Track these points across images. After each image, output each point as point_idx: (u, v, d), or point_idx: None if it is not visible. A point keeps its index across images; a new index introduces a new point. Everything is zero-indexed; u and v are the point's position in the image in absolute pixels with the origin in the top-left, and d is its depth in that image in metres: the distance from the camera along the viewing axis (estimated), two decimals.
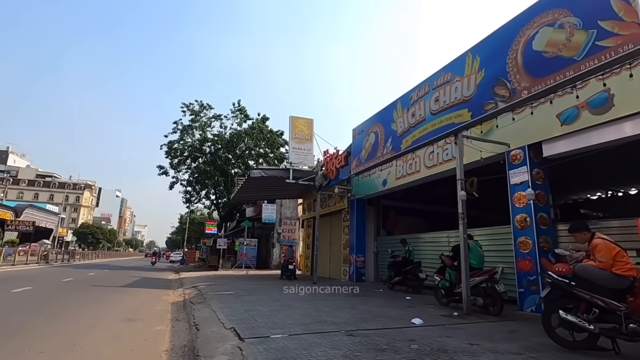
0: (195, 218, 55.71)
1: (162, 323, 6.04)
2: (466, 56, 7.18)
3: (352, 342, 4.26)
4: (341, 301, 8.15)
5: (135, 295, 9.98)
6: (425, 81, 8.36)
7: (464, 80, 7.17)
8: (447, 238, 10.64)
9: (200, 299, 8.38)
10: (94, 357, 3.90)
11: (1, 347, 4.09)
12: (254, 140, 28.70)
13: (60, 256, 29.55)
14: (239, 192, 18.73)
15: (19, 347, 4.07)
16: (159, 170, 29.36)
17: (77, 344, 4.39)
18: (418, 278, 10.13)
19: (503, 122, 7.23)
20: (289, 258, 15.33)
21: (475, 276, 6.86)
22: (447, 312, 6.75)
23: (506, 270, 7.31)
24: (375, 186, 13.23)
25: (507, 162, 7.99)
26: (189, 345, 4.56)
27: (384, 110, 10.11)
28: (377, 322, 5.68)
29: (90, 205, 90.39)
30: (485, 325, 5.72)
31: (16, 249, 24.65)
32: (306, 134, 15.85)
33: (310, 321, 5.54)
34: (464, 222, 6.99)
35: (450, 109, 7.46)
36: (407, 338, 4.51)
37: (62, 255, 30.20)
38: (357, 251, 13.79)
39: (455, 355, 3.79)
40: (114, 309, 7.36)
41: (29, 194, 75.94)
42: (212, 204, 32.26)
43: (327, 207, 16.41)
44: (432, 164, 10.47)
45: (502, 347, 4.24)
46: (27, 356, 3.77)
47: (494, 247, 8.58)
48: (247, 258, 23.28)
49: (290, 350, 3.84)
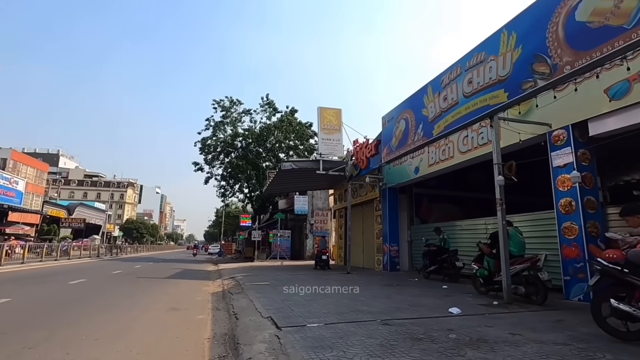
0: (230, 211, 57.50)
1: (204, 312, 6.32)
2: (501, 33, 6.80)
3: (387, 331, 4.25)
4: (376, 290, 8.14)
5: (177, 286, 10.50)
6: (457, 63, 8.02)
7: (499, 59, 6.80)
8: (485, 225, 10.27)
9: (238, 289, 8.67)
10: (143, 344, 4.16)
11: (62, 334, 4.46)
12: (284, 133, 29.01)
13: (109, 250, 31.61)
14: (270, 184, 19.07)
15: (77, 335, 4.42)
16: (195, 166, 30.48)
17: (128, 331, 4.71)
18: (455, 267, 9.90)
19: (543, 101, 6.80)
20: (322, 248, 15.47)
21: (516, 264, 6.58)
22: (486, 302, 6.55)
23: (550, 258, 6.94)
24: (407, 174, 12.97)
25: (548, 144, 7.51)
26: (229, 333, 4.74)
27: (414, 95, 9.83)
28: (412, 311, 5.62)
29: (134, 202, 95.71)
30: (528, 315, 5.49)
31: (71, 244, 26.67)
32: (335, 124, 15.78)
33: (345, 310, 5.58)
34: (503, 208, 6.69)
35: (485, 90, 7.12)
36: (445, 327, 4.43)
37: (111, 249, 32.31)
38: (391, 240, 13.66)
39: (496, 346, 3.67)
40: (159, 299, 7.79)
41: (79, 193, 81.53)
42: (246, 197, 33.11)
43: (359, 196, 16.32)
44: (467, 148, 10.08)
45: (546, 337, 4.05)
46: (84, 343, 4.08)
47: (536, 233, 8.19)
48: (281, 249, 23.78)
49: (326, 339, 3.89)
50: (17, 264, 15.97)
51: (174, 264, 21.07)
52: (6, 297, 6.94)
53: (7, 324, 4.91)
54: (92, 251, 27.08)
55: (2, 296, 7.00)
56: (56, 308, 6.42)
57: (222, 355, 3.85)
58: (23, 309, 6.22)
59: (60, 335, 4.40)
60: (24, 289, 8.80)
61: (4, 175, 31.87)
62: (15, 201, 32.91)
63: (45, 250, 19.71)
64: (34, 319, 5.33)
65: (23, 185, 34.50)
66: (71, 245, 24.99)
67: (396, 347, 3.59)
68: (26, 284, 9.77)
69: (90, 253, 26.36)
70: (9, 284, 9.55)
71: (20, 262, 16.47)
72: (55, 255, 20.62)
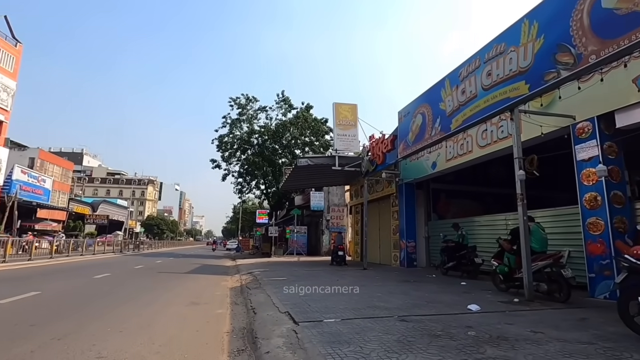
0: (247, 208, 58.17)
1: (222, 307, 6.44)
2: (521, 23, 6.58)
3: (405, 327, 4.22)
4: (392, 286, 8.10)
5: (197, 281, 10.73)
6: (476, 55, 7.82)
7: (520, 50, 6.59)
8: (505, 221, 10.05)
9: (256, 284, 8.79)
10: (165, 336, 4.28)
11: (88, 326, 4.64)
12: (299, 129, 29.07)
13: (131, 245, 32.59)
14: (286, 181, 19.18)
15: (102, 327, 4.59)
16: (212, 163, 30.93)
17: (150, 324, 4.85)
18: (474, 263, 9.73)
19: (567, 92, 6.57)
20: (338, 244, 15.48)
21: (537, 260, 6.41)
22: (506, 299, 6.42)
23: (574, 254, 6.72)
24: (424, 169, 12.80)
25: (572, 136, 7.26)
26: (248, 327, 4.81)
27: (431, 89, 9.66)
28: (430, 307, 5.56)
29: (154, 199, 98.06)
30: (550, 313, 5.35)
31: (95, 240, 27.62)
32: (350, 119, 15.71)
33: (361, 306, 5.58)
34: (524, 204, 6.52)
35: (505, 82, 6.92)
36: (464, 324, 4.37)
37: (133, 245, 33.28)
38: (408, 236, 13.54)
39: (517, 343, 3.60)
40: (179, 293, 7.98)
41: (102, 190, 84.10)
42: (262, 193, 33.42)
43: (375, 192, 16.22)
44: (486, 143, 9.86)
45: (570, 335, 3.94)
46: (109, 335, 4.23)
47: (559, 229, 7.96)
48: (297, 245, 23.94)
49: (343, 334, 3.90)
50: (46, 258, 16.66)
51: (193, 259, 21.54)
52: (36, 291, 7.25)
53: (37, 316, 5.14)
54: (115, 247, 27.97)
55: (33, 289, 7.32)
56: (82, 301, 6.67)
57: (241, 348, 3.91)
58: (52, 301, 6.50)
59: (87, 327, 4.58)
60: (52, 282, 9.18)
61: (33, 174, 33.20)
62: (43, 198, 34.25)
63: (72, 246, 20.51)
64: (61, 312, 5.55)
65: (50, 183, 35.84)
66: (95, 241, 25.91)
67: (414, 343, 3.56)
68: (54, 278, 10.19)
69: (113, 248, 27.23)
70: (39, 278, 9.99)
71: (48, 256, 17.18)
72: (80, 251, 21.40)
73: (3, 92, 28.32)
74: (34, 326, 4.50)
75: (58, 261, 16.23)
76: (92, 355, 3.45)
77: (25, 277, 10.17)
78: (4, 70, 28.59)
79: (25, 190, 30.61)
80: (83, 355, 3.45)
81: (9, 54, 29.33)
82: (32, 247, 16.32)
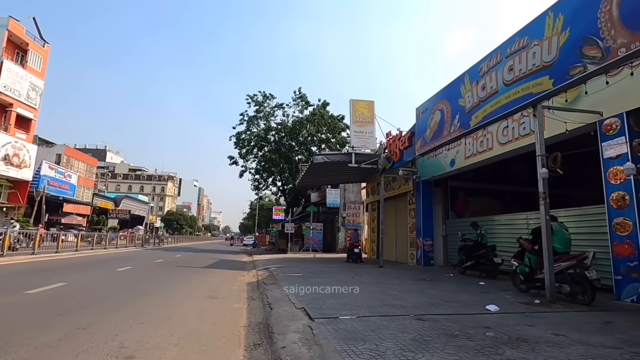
0: (264, 204, 58.78)
1: (239, 301, 6.54)
2: (546, 15, 6.36)
3: (421, 326, 4.18)
4: (409, 285, 8.03)
5: (214, 275, 10.94)
6: (497, 49, 7.61)
7: (544, 44, 6.37)
8: (526, 220, 9.79)
9: (272, 280, 8.88)
10: (184, 328, 4.39)
11: (111, 316, 4.80)
12: (316, 126, 29.10)
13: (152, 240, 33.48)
14: (303, 178, 19.23)
15: (125, 318, 4.74)
16: (230, 160, 31.38)
17: (170, 317, 4.98)
18: (493, 262, 9.53)
19: (594, 87, 6.31)
20: (354, 242, 15.45)
21: (560, 261, 6.22)
22: (526, 300, 6.26)
23: (599, 255, 6.49)
24: (442, 167, 12.60)
25: (599, 133, 6.98)
26: (264, 322, 4.88)
27: (450, 85, 9.48)
28: (447, 307, 5.49)
29: (173, 195, 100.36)
30: (573, 315, 5.19)
31: (118, 234, 28.52)
32: (367, 116, 15.59)
33: (377, 304, 5.56)
34: (546, 202, 6.32)
35: (528, 77, 6.71)
36: (482, 325, 4.29)
37: (154, 240, 34.18)
38: (425, 234, 13.38)
39: (538, 346, 3.50)
40: (197, 287, 8.16)
41: (124, 186, 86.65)
42: (279, 190, 33.69)
43: (392, 190, 16.09)
44: (507, 140, 9.61)
45: (594, 339, 3.81)
46: (132, 326, 4.37)
47: (584, 229, 7.70)
48: (313, 242, 24.03)
49: (359, 331, 3.90)
50: (72, 251, 17.31)
51: (211, 254, 21.94)
52: (62, 282, 7.56)
53: (63, 306, 5.35)
54: (136, 241, 28.79)
55: (59, 281, 7.63)
56: (105, 293, 6.91)
57: (257, 343, 3.97)
58: (77, 292, 6.75)
59: (110, 317, 4.74)
60: (77, 274, 9.55)
61: (59, 170, 34.54)
62: (69, 193, 35.60)
63: (96, 239, 21.27)
64: (86, 302, 5.77)
65: (75, 179, 37.21)
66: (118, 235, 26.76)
67: (430, 342, 3.53)
68: (79, 270, 10.59)
69: (135, 242, 28.04)
70: (65, 270, 10.40)
71: (74, 249, 17.85)
72: (104, 244, 22.14)
73: (32, 91, 29.51)
74: (60, 316, 4.69)
75: (83, 254, 16.84)
76: (115, 345, 3.57)
77: (52, 268, 10.60)
78: (33, 70, 29.76)
79: (53, 185, 31.88)
80: (106, 344, 3.57)
81: (38, 54, 30.50)
82: (59, 240, 16.99)
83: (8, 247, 13.28)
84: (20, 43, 29.07)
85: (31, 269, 10.24)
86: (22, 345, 3.43)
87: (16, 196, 28.14)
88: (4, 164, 26.80)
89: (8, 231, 13.49)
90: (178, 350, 3.56)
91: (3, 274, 8.97)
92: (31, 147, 29.68)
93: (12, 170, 27.59)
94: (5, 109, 27.84)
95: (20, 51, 29.31)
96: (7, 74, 26.92)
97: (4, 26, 27.09)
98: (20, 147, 28.30)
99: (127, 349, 3.47)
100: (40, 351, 3.31)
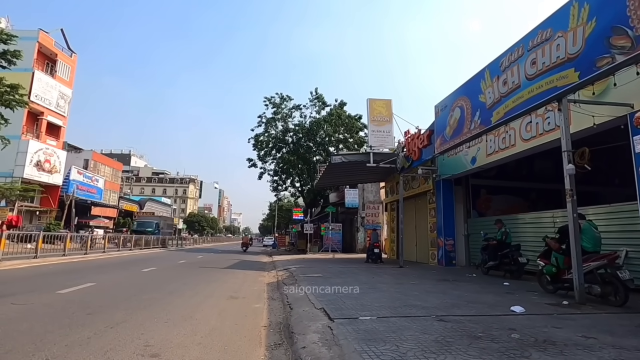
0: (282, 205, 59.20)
1: (260, 301, 6.62)
2: (570, 6, 6.13)
3: (443, 327, 4.11)
4: (430, 285, 7.89)
5: (235, 275, 11.10)
6: (519, 42, 7.39)
7: (568, 35, 6.14)
8: (552, 218, 9.45)
9: (292, 280, 8.93)
10: (206, 327, 4.47)
11: (137, 316, 4.95)
12: (333, 126, 29.08)
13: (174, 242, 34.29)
14: (321, 178, 19.28)
15: (150, 317, 4.88)
16: (249, 162, 31.77)
17: (193, 316, 5.09)
18: (517, 262, 9.25)
19: (623, 78, 6.05)
20: (374, 242, 15.33)
21: (589, 261, 5.97)
22: (554, 301, 6.04)
23: (632, 255, 6.19)
24: (462, 165, 12.34)
25: (630, 127, 6.66)
26: (284, 322, 4.91)
27: (470, 81, 9.27)
28: (470, 308, 5.36)
29: (195, 197, 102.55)
30: (605, 317, 4.97)
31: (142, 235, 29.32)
32: (385, 115, 15.44)
33: (398, 305, 5.50)
34: (573, 200, 6.09)
35: (552, 70, 6.48)
36: (506, 326, 4.17)
37: (176, 241, 35.01)
38: (446, 234, 13.13)
39: (566, 349, 3.37)
40: (219, 287, 8.30)
41: (148, 189, 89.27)
42: (297, 191, 33.85)
43: (411, 189, 15.88)
44: (530, 135, 9.31)
45: (627, 342, 3.64)
46: (156, 324, 4.50)
47: (615, 227, 7.37)
48: (332, 242, 24.01)
49: (379, 332, 3.87)
50: (99, 252, 17.96)
51: (232, 255, 22.28)
52: (91, 282, 7.86)
53: (92, 305, 5.56)
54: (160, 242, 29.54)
55: (88, 281, 7.94)
56: (131, 292, 7.12)
57: (278, 343, 4.00)
58: (104, 292, 7.00)
59: (136, 317, 4.89)
60: (105, 275, 9.90)
61: (87, 174, 35.98)
62: (96, 197, 37.02)
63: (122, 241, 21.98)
64: (113, 302, 5.97)
65: (102, 183, 38.65)
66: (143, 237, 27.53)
67: (452, 344, 3.46)
68: (106, 271, 10.97)
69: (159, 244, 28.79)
70: (93, 270, 10.80)
71: (102, 251, 18.51)
72: (129, 246, 22.85)
73: (61, 99, 30.85)
74: (90, 315, 4.87)
75: (110, 255, 17.45)
76: (141, 343, 3.68)
77: (82, 269, 11.03)
78: (62, 79, 31.11)
79: (81, 189, 33.19)
80: (133, 343, 3.68)
81: (66, 64, 31.86)
82: (88, 242, 17.67)
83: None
84: (50, 54, 30.46)
85: (62, 269, 10.68)
86: (54, 343, 3.58)
87: (48, 200, 29.49)
88: (36, 169, 28.14)
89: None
90: (201, 349, 3.63)
91: (38, 274, 9.41)
92: (61, 153, 31.02)
93: (44, 175, 28.92)
94: (37, 117, 29.23)
95: (50, 61, 30.70)
96: (38, 84, 28.26)
97: (34, 38, 28.44)
98: (51, 153, 29.64)
99: (152, 348, 3.57)
100: (71, 349, 3.45)
